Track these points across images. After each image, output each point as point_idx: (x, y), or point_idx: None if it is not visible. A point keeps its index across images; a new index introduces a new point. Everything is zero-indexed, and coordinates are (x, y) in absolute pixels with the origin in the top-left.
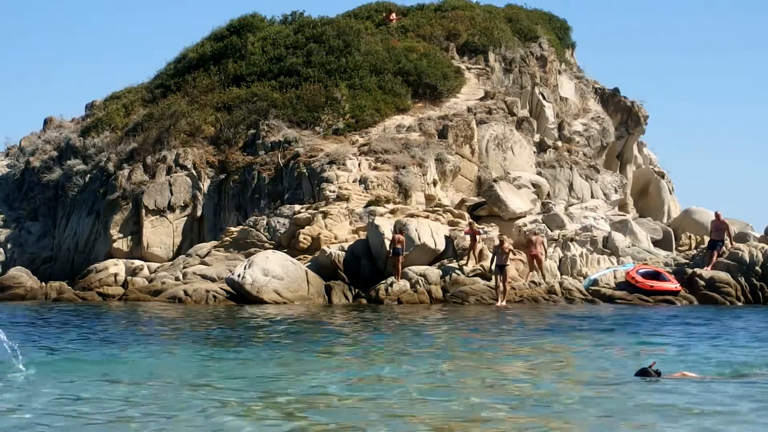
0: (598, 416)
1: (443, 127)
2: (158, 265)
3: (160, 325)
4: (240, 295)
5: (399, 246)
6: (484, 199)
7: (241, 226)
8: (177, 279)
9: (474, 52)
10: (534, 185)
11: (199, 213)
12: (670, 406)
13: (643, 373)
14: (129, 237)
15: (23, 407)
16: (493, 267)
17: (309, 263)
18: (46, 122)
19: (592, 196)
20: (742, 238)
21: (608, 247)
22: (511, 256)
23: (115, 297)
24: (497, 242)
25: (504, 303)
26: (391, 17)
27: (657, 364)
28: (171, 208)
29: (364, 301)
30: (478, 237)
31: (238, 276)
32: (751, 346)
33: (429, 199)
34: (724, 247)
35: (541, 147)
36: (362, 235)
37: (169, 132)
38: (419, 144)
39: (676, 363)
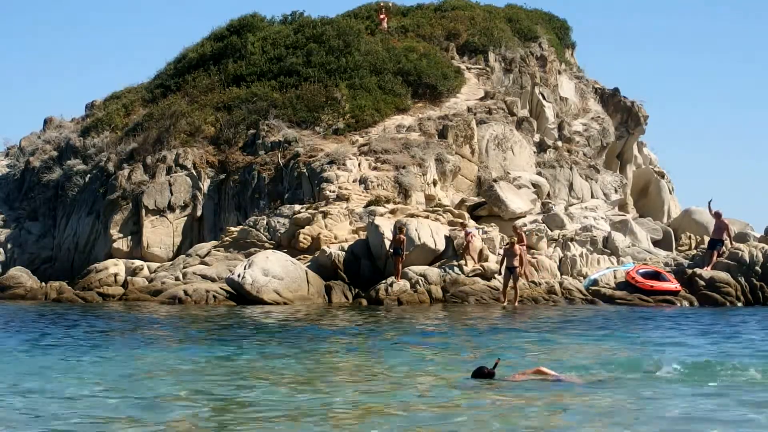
0: None
1: (443, 127)
2: (158, 265)
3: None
4: (240, 295)
5: (399, 246)
6: (484, 199)
7: (241, 226)
8: (177, 279)
9: (474, 52)
10: (534, 185)
11: (199, 213)
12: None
13: (479, 373)
14: (129, 237)
15: None
16: (502, 269)
17: (309, 263)
18: (46, 122)
19: (592, 196)
20: (742, 238)
21: (608, 247)
22: (524, 257)
23: (115, 297)
24: (507, 244)
25: (516, 304)
26: (381, 16)
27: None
28: (171, 208)
29: (364, 301)
30: (470, 236)
31: (238, 276)
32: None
33: (429, 199)
34: (724, 247)
35: (541, 147)
36: (362, 235)
37: (169, 132)
38: (419, 144)
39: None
